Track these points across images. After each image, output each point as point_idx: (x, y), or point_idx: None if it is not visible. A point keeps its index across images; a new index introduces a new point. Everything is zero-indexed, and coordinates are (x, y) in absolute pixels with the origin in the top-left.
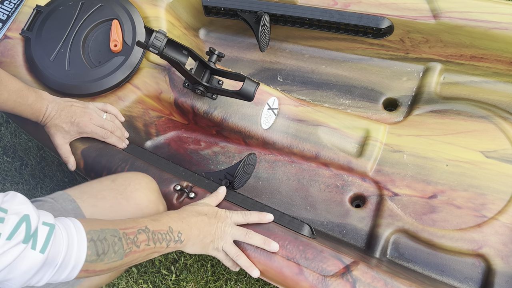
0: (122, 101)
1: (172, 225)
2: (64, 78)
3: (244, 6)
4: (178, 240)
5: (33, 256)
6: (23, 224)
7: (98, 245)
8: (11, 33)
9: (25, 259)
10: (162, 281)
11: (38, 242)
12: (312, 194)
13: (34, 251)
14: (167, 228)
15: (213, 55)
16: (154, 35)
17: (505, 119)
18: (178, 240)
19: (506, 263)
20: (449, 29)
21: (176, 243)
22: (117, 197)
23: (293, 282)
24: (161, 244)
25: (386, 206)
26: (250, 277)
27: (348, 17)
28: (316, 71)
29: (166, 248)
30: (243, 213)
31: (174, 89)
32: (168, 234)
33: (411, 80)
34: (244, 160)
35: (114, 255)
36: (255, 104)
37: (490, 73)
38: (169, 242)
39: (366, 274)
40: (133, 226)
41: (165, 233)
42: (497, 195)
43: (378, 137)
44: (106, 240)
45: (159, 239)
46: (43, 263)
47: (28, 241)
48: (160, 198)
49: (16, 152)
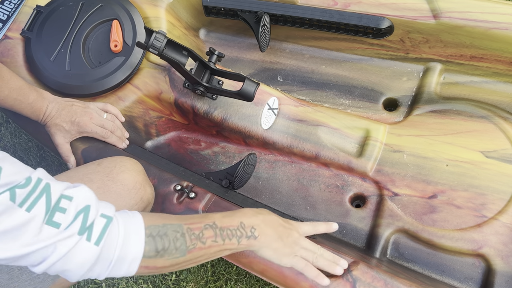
0: (123, 101)
1: (244, 220)
2: (64, 78)
3: (244, 6)
4: (252, 236)
5: (88, 247)
6: (81, 215)
7: (158, 241)
8: (11, 33)
9: (79, 250)
10: (162, 281)
11: (93, 234)
12: (312, 194)
13: (89, 243)
14: (238, 224)
15: (213, 56)
16: (154, 35)
17: (505, 119)
18: (251, 236)
19: (506, 263)
20: (449, 29)
21: (249, 239)
22: (104, 179)
23: (293, 282)
24: (231, 240)
25: (386, 206)
26: (250, 277)
27: (348, 17)
28: (316, 71)
29: (238, 245)
30: (311, 223)
31: (174, 89)
32: (239, 229)
33: (411, 80)
34: (244, 160)
35: (176, 251)
36: (255, 104)
37: (490, 73)
38: (240, 238)
39: (366, 274)
40: (200, 221)
41: (236, 228)
42: (497, 195)
43: (378, 137)
44: (166, 236)
45: (229, 236)
46: (98, 256)
47: (83, 233)
48: (146, 179)
49: (16, 152)
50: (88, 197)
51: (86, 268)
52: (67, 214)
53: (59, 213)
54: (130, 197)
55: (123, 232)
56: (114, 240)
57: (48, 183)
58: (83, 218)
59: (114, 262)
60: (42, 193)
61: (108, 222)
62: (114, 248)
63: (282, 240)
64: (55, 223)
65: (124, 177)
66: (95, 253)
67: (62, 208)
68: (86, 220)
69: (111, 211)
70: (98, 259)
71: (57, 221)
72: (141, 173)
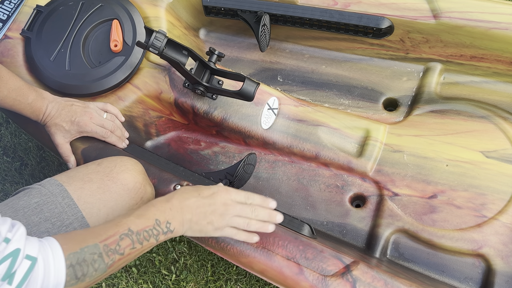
0: (122, 101)
1: (159, 217)
2: (64, 78)
3: (244, 6)
4: (168, 231)
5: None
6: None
7: (77, 269)
8: (11, 33)
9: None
10: (162, 281)
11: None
12: (312, 194)
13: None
14: (153, 223)
15: (213, 55)
16: (154, 35)
17: (505, 119)
18: (167, 231)
19: (506, 263)
20: (449, 29)
21: (166, 234)
22: (104, 179)
23: (293, 282)
24: (149, 241)
25: (386, 206)
26: (250, 277)
27: (348, 17)
28: (316, 71)
29: (157, 242)
30: (245, 193)
31: (174, 89)
32: (155, 228)
33: (411, 80)
34: (244, 160)
35: (96, 272)
36: (255, 104)
37: (490, 73)
38: (158, 236)
39: (366, 274)
40: (115, 232)
41: (151, 228)
42: (497, 195)
43: (378, 137)
44: (85, 261)
45: (146, 237)
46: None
47: (7, 278)
48: (147, 179)
49: (16, 152)
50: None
51: None
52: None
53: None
54: (131, 197)
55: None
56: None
57: None
58: (10, 263)
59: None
60: None
61: (32, 265)
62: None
63: (205, 218)
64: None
65: (124, 177)
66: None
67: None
68: (13, 265)
69: (35, 249)
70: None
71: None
72: (141, 173)
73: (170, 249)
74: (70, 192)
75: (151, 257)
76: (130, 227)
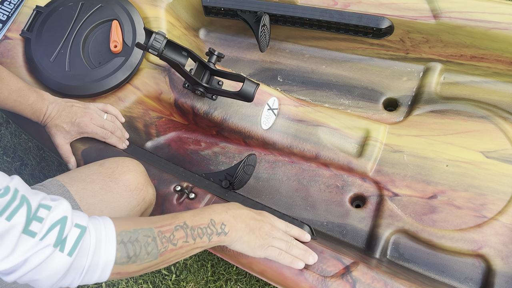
0: (122, 101)
1: (214, 217)
2: (64, 79)
3: (244, 6)
4: (222, 232)
5: (61, 258)
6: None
7: (129, 247)
8: (11, 33)
9: (52, 261)
10: (162, 281)
11: (67, 245)
12: (312, 195)
13: (62, 253)
14: (208, 221)
15: (213, 56)
16: (153, 36)
17: (505, 119)
18: (221, 232)
19: (506, 264)
20: (449, 29)
21: (219, 235)
22: (106, 180)
23: (293, 282)
24: (202, 239)
25: (386, 207)
26: (250, 277)
27: (348, 17)
28: (316, 71)
29: (209, 242)
30: (285, 222)
31: (174, 90)
32: (210, 227)
33: (411, 80)
34: (244, 160)
35: (148, 256)
36: (255, 104)
37: (490, 73)
38: (211, 236)
39: (366, 274)
40: (171, 222)
41: (206, 226)
42: (497, 195)
43: (378, 137)
44: (138, 242)
45: (199, 234)
46: (70, 266)
47: (58, 244)
48: (148, 180)
49: (16, 152)
50: (65, 209)
51: (57, 279)
52: (43, 224)
53: (36, 222)
54: (133, 198)
55: (94, 240)
56: (86, 250)
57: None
58: (59, 229)
59: (86, 270)
60: (22, 202)
61: (82, 233)
62: (86, 257)
63: (254, 232)
64: (31, 232)
65: (126, 178)
66: (67, 264)
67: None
68: (62, 231)
69: (84, 220)
70: (70, 268)
71: (33, 230)
72: (143, 174)
73: None
74: (72, 193)
75: None
76: (186, 221)
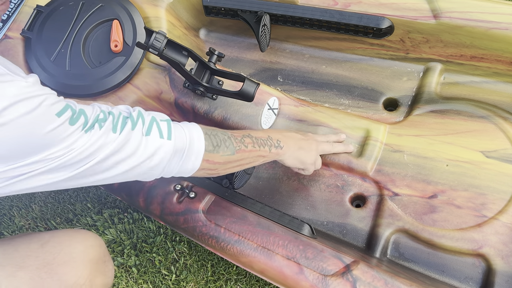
0: (123, 101)
1: (270, 134)
2: (64, 78)
3: (244, 6)
4: (278, 146)
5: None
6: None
7: (213, 139)
8: (11, 33)
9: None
10: (162, 281)
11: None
12: (312, 194)
13: (163, 139)
14: (266, 136)
15: (213, 56)
16: (154, 36)
17: (505, 119)
18: (278, 146)
19: (507, 263)
20: (449, 29)
21: (277, 148)
22: (40, 270)
23: (293, 281)
24: (264, 148)
25: (386, 206)
26: (250, 277)
27: (348, 17)
28: (316, 71)
29: (269, 153)
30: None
31: (174, 90)
32: (269, 140)
33: (411, 80)
34: None
35: (227, 149)
36: (255, 104)
37: (490, 73)
38: (271, 147)
39: (366, 273)
40: (238, 133)
41: (266, 139)
42: (497, 195)
43: (378, 137)
44: (217, 136)
45: (262, 144)
46: (174, 149)
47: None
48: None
49: None
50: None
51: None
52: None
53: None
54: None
55: (187, 129)
56: (181, 134)
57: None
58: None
59: (185, 155)
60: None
61: (169, 122)
62: (183, 141)
63: (303, 149)
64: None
65: (65, 271)
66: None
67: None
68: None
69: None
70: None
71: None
72: (91, 262)
73: (170, 249)
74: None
75: (151, 257)
76: (250, 133)
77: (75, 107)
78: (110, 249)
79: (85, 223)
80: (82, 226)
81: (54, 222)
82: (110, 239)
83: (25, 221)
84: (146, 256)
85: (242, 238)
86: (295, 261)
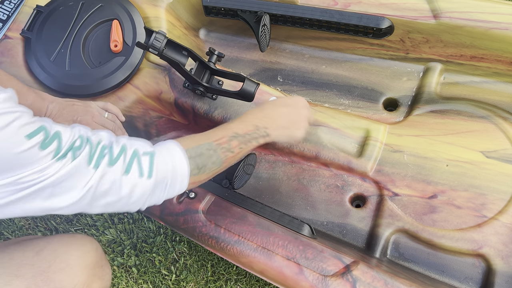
0: (122, 101)
1: (257, 123)
2: (64, 78)
3: (244, 6)
4: (266, 135)
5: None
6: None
7: (198, 161)
8: (11, 33)
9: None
10: (162, 281)
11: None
12: (312, 194)
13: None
14: (253, 128)
15: (213, 56)
16: (153, 36)
17: (505, 119)
18: (265, 135)
19: (506, 263)
20: (449, 29)
21: (264, 137)
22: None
23: (293, 281)
24: (252, 143)
25: (386, 206)
26: (250, 277)
27: (348, 17)
28: (316, 71)
29: (258, 144)
30: None
31: (174, 90)
32: (256, 132)
33: (411, 80)
34: (244, 160)
35: (213, 165)
36: (255, 104)
37: (490, 73)
38: (258, 139)
39: (366, 274)
40: (224, 135)
41: (253, 131)
42: (497, 195)
43: (378, 137)
44: (203, 155)
45: (250, 140)
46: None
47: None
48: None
49: None
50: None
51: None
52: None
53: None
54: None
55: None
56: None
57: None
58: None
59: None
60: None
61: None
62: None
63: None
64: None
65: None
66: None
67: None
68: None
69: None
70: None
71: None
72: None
73: (170, 249)
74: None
75: (151, 257)
76: (236, 131)
77: (50, 130)
78: (110, 249)
79: (85, 223)
80: (82, 226)
81: (54, 222)
82: (110, 239)
83: (25, 221)
84: (146, 256)
85: (242, 239)
86: (295, 261)
